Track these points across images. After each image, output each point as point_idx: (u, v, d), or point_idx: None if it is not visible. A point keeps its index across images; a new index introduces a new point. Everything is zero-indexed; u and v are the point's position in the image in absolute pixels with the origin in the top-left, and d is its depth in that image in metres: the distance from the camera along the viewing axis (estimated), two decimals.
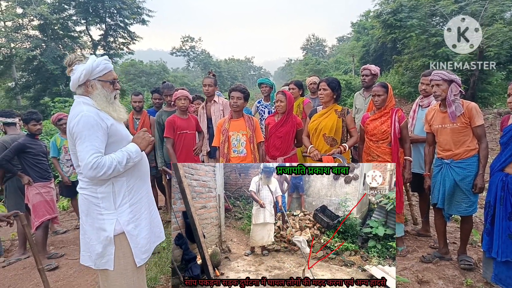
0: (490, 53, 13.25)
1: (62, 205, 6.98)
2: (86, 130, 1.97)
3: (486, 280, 3.07)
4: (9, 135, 4.50)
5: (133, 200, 2.16)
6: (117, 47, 29.98)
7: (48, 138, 10.11)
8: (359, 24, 35.11)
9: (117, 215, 2.09)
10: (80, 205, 2.12)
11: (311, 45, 69.10)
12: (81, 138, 1.97)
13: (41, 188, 4.35)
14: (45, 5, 22.82)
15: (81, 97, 2.12)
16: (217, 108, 4.73)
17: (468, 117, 3.15)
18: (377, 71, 4.56)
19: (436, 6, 15.57)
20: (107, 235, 2.05)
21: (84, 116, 1.99)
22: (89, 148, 1.96)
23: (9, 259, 4.44)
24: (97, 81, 2.13)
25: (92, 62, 2.10)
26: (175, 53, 57.28)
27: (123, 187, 2.12)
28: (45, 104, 16.63)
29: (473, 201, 3.23)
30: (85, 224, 2.12)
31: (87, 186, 2.08)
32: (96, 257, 2.08)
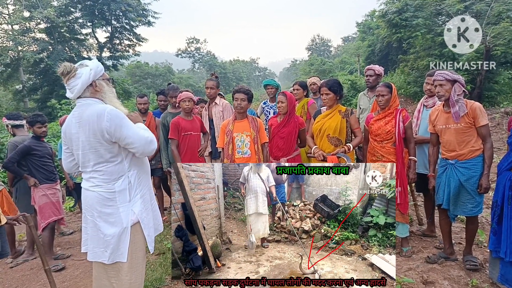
0: (497, 52, 13.12)
1: (68, 206, 7.03)
2: (122, 119, 2.11)
3: (492, 280, 3.04)
4: (19, 136, 4.57)
5: (142, 192, 2.29)
6: (123, 49, 30.16)
7: (55, 140, 10.21)
8: (364, 24, 34.97)
9: (131, 206, 2.20)
10: (92, 203, 2.16)
11: (316, 45, 69.01)
12: (122, 126, 2.09)
13: (47, 189, 4.39)
14: (52, 8, 23.03)
15: (88, 99, 2.19)
16: (217, 110, 4.77)
17: (472, 117, 3.13)
18: (381, 71, 4.54)
19: (441, 5, 15.45)
20: (124, 227, 2.15)
21: (109, 109, 2.10)
22: (137, 130, 2.15)
23: (17, 260, 4.49)
24: (101, 80, 2.26)
25: (94, 63, 2.23)
26: (181, 54, 57.43)
27: (136, 180, 2.24)
28: (52, 106, 16.75)
29: (479, 201, 3.20)
30: (97, 220, 2.16)
31: (103, 183, 2.14)
32: (112, 250, 2.14)
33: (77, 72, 2.14)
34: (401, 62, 19.34)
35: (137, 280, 2.25)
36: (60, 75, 2.17)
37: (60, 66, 2.16)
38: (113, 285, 2.20)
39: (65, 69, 2.14)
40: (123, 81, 26.08)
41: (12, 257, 4.53)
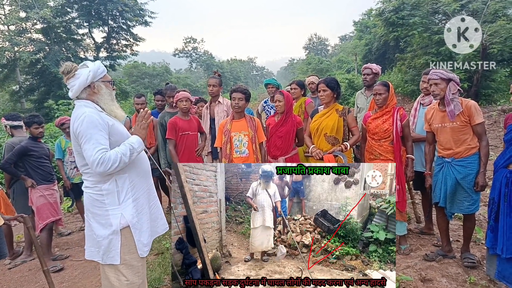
0: (493, 50, 13.17)
1: (66, 207, 7.01)
2: (90, 129, 2.08)
3: (490, 277, 3.07)
4: (17, 137, 4.56)
5: (136, 196, 2.27)
6: (120, 49, 30.07)
7: (52, 140, 10.18)
8: (361, 22, 35.00)
9: (122, 210, 2.19)
10: (86, 203, 2.22)
11: (314, 44, 69.05)
12: (86, 137, 2.07)
13: (45, 190, 4.38)
14: (48, 9, 22.88)
15: (82, 101, 2.23)
16: (221, 109, 4.72)
17: (467, 115, 3.14)
18: (378, 70, 4.55)
19: (438, 4, 15.51)
20: (113, 229, 2.15)
21: (87, 116, 2.10)
22: (94, 145, 2.06)
23: (15, 261, 4.48)
24: (100, 82, 2.28)
25: (95, 65, 2.24)
26: (178, 54, 57.31)
27: (125, 183, 2.22)
28: (49, 106, 16.71)
29: (475, 199, 3.22)
30: (91, 221, 2.21)
31: (92, 185, 2.18)
32: (104, 251, 2.17)
33: (76, 72, 2.18)
34: (398, 61, 19.41)
35: (136, 281, 2.25)
36: (61, 74, 2.22)
37: (62, 65, 2.21)
38: (113, 284, 2.22)
39: (65, 68, 2.19)
40: (120, 81, 26.04)
41: (10, 258, 4.52)
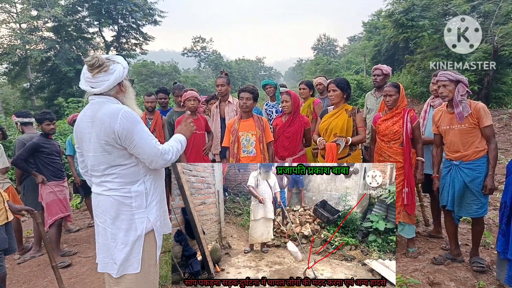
0: (505, 52, 13.00)
1: (75, 203, 7.08)
2: (138, 124, 1.97)
3: (500, 282, 3.02)
4: (27, 134, 4.62)
5: (159, 198, 2.17)
6: (129, 48, 30.32)
7: (62, 138, 10.28)
8: (370, 23, 34.82)
9: (147, 213, 2.06)
10: (107, 208, 2.01)
11: (322, 45, 68.70)
12: (136, 133, 1.94)
13: (55, 186, 4.43)
14: (59, 7, 23.19)
15: (103, 97, 2.02)
16: (231, 109, 4.71)
17: (476, 117, 3.11)
18: (388, 71, 4.52)
19: (448, 6, 15.36)
20: (138, 234, 2.01)
21: (126, 112, 1.95)
22: (150, 139, 1.99)
23: (24, 256, 4.53)
24: (126, 80, 2.14)
25: (125, 61, 2.10)
26: (186, 53, 57.46)
27: (152, 185, 2.11)
28: (59, 104, 16.85)
29: (484, 202, 3.18)
30: (111, 227, 2.02)
31: (119, 187, 2.00)
32: (122, 261, 2.00)
33: (110, 67, 1.98)
34: (408, 62, 19.22)
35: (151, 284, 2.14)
36: (89, 67, 1.94)
37: (90, 56, 1.94)
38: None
39: (97, 61, 1.93)
40: None
41: (19, 253, 4.59)
